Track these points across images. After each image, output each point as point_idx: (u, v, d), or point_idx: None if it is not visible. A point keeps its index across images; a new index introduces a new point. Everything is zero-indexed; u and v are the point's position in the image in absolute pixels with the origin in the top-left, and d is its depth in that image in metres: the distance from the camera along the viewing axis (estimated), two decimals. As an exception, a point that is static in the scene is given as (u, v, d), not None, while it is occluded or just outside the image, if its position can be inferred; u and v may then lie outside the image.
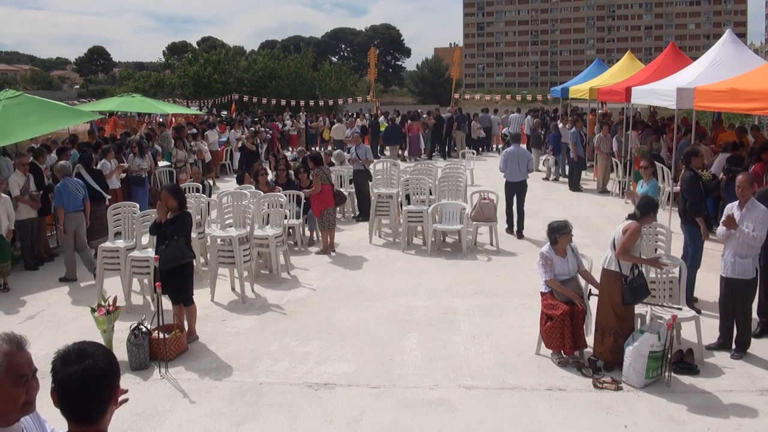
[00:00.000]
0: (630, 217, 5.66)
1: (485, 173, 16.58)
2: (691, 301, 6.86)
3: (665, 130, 14.10)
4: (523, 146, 11.53)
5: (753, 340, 5.87)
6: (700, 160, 7.57)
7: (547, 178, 16.44)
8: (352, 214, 12.26)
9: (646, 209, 5.59)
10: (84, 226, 8.75)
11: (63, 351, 1.97)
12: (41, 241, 9.49)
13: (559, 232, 5.72)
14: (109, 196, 9.93)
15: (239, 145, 17.99)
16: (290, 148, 22.21)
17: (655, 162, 12.35)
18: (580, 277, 5.84)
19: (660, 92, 10.44)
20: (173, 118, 22.39)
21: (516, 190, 10.23)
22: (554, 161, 16.44)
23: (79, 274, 8.58)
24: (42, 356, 5.97)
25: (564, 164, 16.23)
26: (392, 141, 20.47)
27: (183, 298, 6.22)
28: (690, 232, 6.99)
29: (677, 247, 8.10)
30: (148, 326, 5.86)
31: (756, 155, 9.29)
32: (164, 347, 5.69)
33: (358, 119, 23.85)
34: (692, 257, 6.92)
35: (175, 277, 6.10)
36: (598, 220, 11.51)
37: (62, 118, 10.02)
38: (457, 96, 33.89)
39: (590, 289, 5.90)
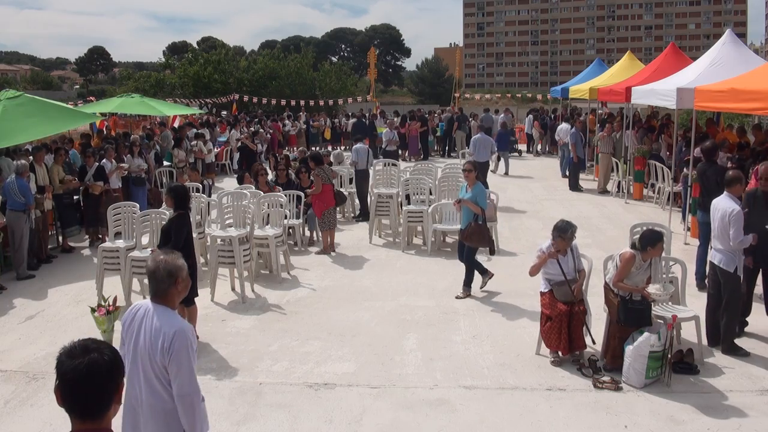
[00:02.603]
0: (632, 246, 5.52)
1: (485, 173, 16.57)
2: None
3: (663, 129, 14.09)
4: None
5: (754, 339, 5.88)
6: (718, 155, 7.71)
7: (494, 170, 16.98)
8: (352, 214, 12.27)
9: (643, 244, 5.35)
10: (26, 231, 8.50)
11: (68, 346, 2.01)
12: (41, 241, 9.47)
13: (564, 233, 5.66)
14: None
15: (239, 144, 17.97)
16: (289, 148, 22.16)
17: (654, 162, 12.40)
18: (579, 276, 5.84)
19: (660, 92, 10.44)
20: (173, 118, 22.30)
21: (482, 167, 12.53)
22: (497, 157, 17.00)
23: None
24: (42, 356, 5.99)
25: (565, 164, 16.25)
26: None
27: (185, 298, 6.20)
28: None
29: (676, 247, 8.12)
30: (148, 326, 5.85)
31: (758, 156, 9.28)
32: (164, 347, 5.68)
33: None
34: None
35: None
36: (598, 220, 11.51)
37: (63, 120, 9.99)
38: (458, 96, 33.91)
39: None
